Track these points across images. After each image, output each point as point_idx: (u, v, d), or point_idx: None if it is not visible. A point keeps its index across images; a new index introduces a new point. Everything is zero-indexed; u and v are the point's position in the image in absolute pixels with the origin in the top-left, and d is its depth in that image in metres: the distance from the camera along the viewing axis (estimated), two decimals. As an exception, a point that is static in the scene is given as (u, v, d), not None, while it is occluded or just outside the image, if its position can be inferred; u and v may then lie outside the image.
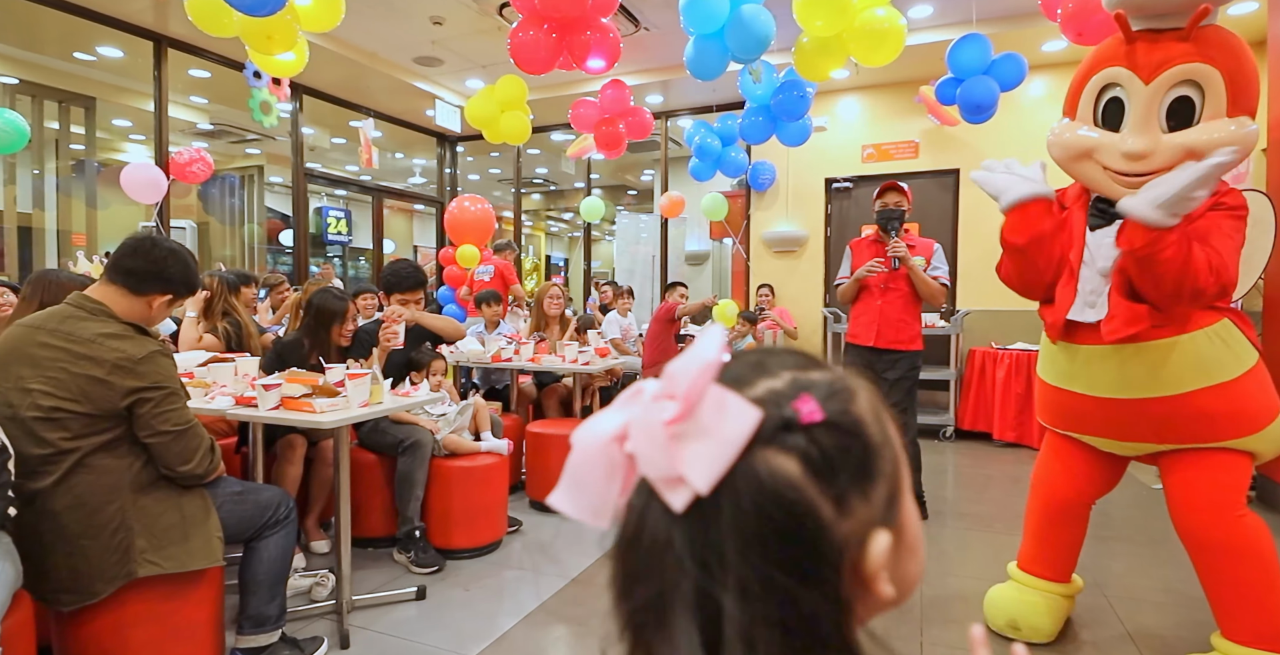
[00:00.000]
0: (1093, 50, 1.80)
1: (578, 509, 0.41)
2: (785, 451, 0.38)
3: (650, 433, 0.37)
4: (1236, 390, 1.69)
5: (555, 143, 8.05)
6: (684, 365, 0.39)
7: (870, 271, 3.09)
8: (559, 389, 3.96)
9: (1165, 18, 1.63)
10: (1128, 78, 1.66)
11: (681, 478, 0.37)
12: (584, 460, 0.40)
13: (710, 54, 3.53)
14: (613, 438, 0.39)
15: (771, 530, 0.37)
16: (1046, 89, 5.18)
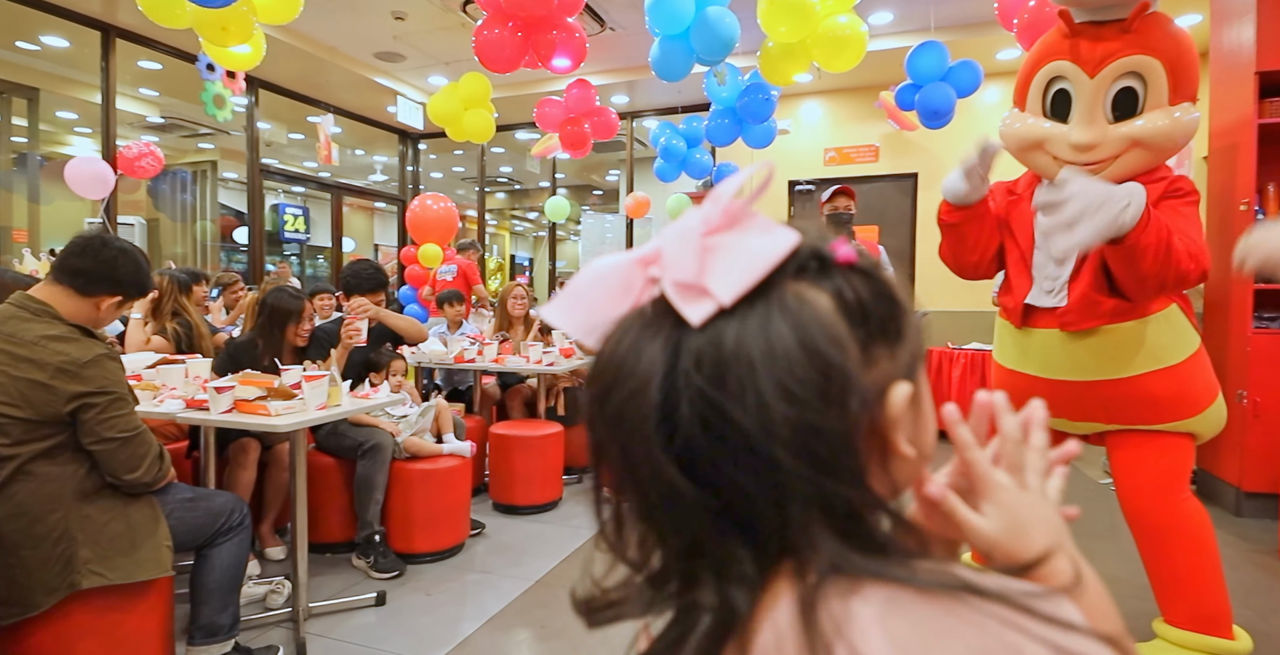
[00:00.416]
0: (1038, 42, 1.82)
1: (573, 325, 0.40)
2: (818, 286, 0.37)
3: (685, 237, 0.37)
4: (1181, 373, 1.75)
5: (520, 141, 7.99)
6: (730, 185, 0.39)
7: None
8: (523, 390, 3.93)
9: (1107, 9, 1.67)
10: (1073, 71, 1.70)
11: (704, 288, 0.35)
12: (595, 278, 0.39)
13: (675, 55, 3.54)
14: (638, 260, 0.39)
15: (796, 355, 0.35)
16: (1001, 96, 5.32)
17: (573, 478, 3.82)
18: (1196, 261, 1.55)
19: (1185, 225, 1.61)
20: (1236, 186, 3.31)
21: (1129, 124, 1.66)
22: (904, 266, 5.70)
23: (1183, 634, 1.75)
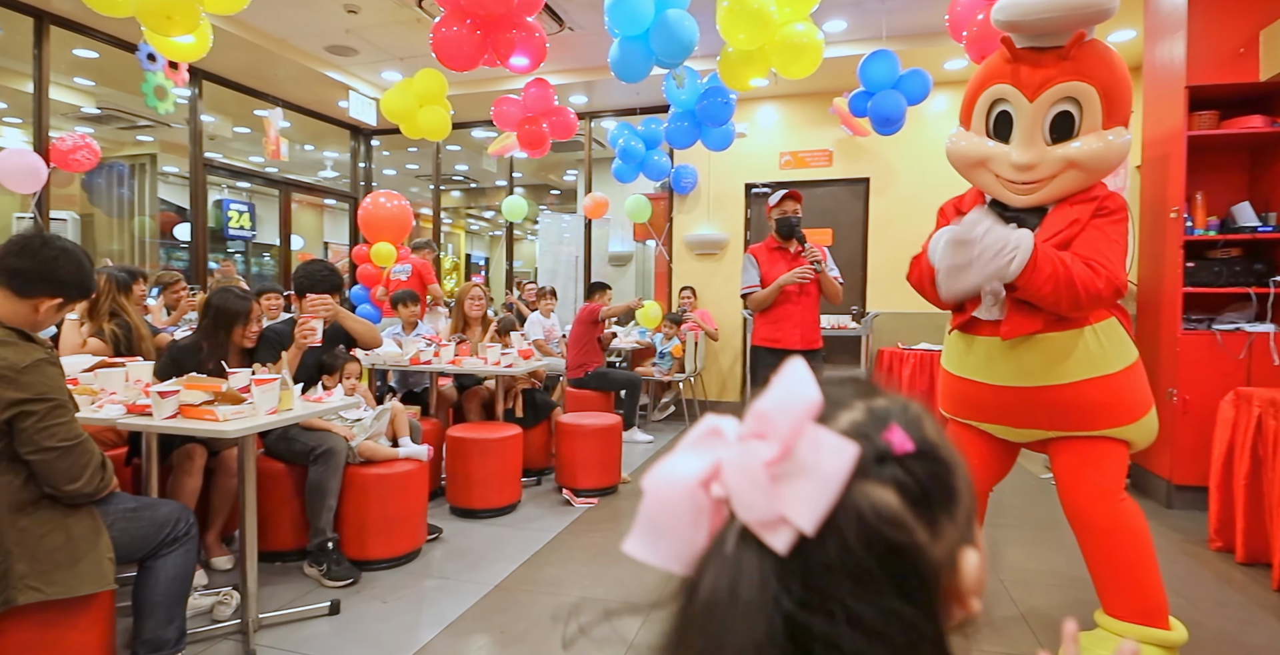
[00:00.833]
0: (982, 65, 1.92)
1: (660, 557, 0.40)
2: (882, 483, 0.38)
3: (750, 475, 0.37)
4: (1118, 383, 1.84)
5: (476, 140, 7.89)
6: (779, 404, 0.38)
7: (803, 279, 3.20)
8: (481, 392, 3.88)
9: (1046, 37, 1.76)
10: (1014, 95, 1.79)
11: (784, 518, 0.36)
12: (664, 506, 0.39)
13: (634, 57, 3.55)
14: (698, 482, 0.38)
15: (878, 562, 0.37)
16: (948, 104, 5.49)
17: (531, 480, 3.79)
18: (1108, 282, 1.67)
19: (1105, 246, 1.72)
20: (1167, 195, 3.49)
21: (1065, 146, 1.76)
22: (856, 269, 5.83)
23: (1122, 625, 1.84)
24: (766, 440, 0.37)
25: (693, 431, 0.41)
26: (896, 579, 0.37)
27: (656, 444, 4.92)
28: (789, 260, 3.33)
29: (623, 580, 2.54)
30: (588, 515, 3.30)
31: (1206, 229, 3.46)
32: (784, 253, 3.34)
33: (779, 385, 0.39)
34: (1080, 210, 1.79)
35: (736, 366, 6.12)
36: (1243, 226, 3.42)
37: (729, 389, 6.15)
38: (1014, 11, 1.71)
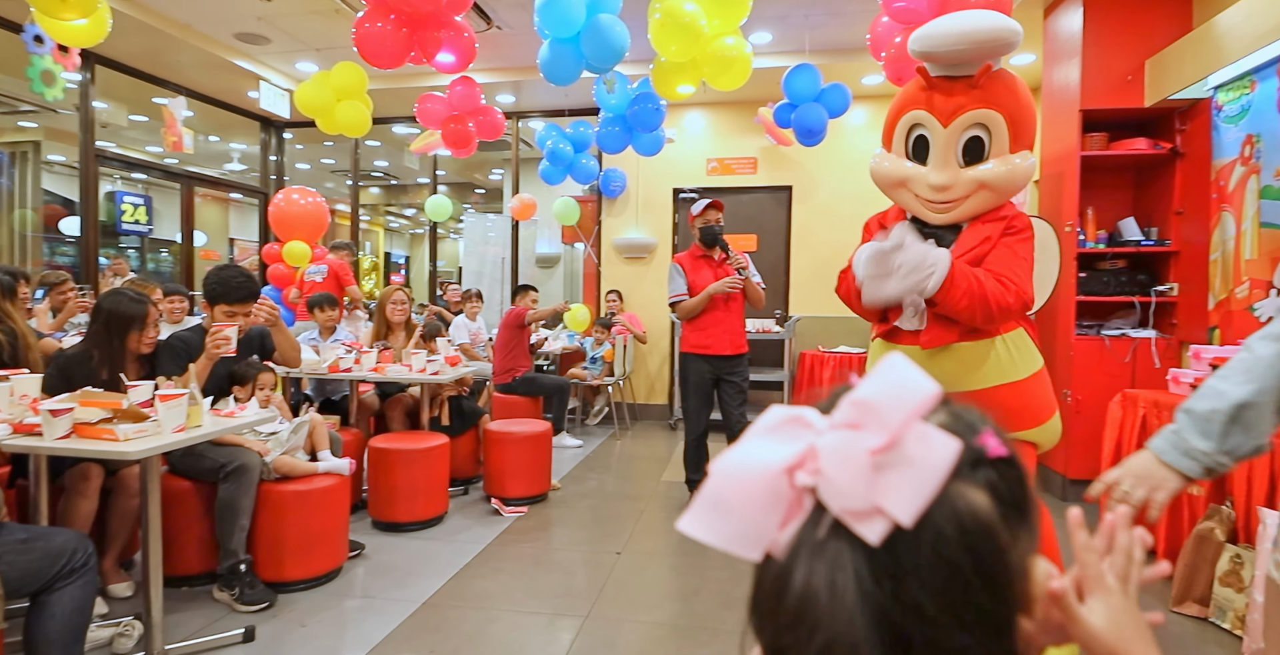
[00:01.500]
0: (901, 91, 2.03)
1: (721, 538, 0.39)
2: (977, 485, 0.39)
3: (851, 463, 0.37)
4: (1026, 388, 1.98)
5: (398, 136, 7.65)
6: (887, 394, 0.38)
7: (732, 288, 3.27)
8: (405, 399, 3.76)
9: (958, 67, 1.89)
10: (930, 120, 1.91)
11: (880, 509, 0.36)
12: (739, 489, 0.38)
13: (565, 60, 3.52)
14: (784, 468, 0.38)
15: (970, 561, 0.37)
16: (866, 117, 5.72)
17: (458, 489, 3.71)
18: (1017, 296, 1.80)
19: (1015, 263, 1.86)
20: (1062, 210, 3.75)
21: (976, 169, 1.88)
22: (779, 274, 5.99)
23: None
24: (866, 429, 0.37)
25: (766, 419, 0.41)
26: (986, 579, 0.38)
27: (586, 449, 4.90)
28: (714, 267, 3.40)
29: (555, 591, 2.52)
30: (518, 524, 3.26)
31: (1096, 242, 3.74)
32: (709, 260, 3.42)
33: (883, 377, 0.39)
34: (991, 228, 1.92)
35: (665, 369, 6.18)
36: (1128, 240, 3.72)
37: (657, 391, 6.20)
38: (927, 43, 1.82)
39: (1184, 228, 3.55)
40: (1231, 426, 0.99)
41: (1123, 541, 0.55)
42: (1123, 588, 0.53)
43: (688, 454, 3.50)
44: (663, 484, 4.00)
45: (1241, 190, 3.11)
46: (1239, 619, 2.21)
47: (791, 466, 0.38)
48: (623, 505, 3.59)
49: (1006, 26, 1.77)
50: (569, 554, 2.90)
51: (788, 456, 0.38)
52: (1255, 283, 3.03)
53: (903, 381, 0.38)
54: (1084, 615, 0.51)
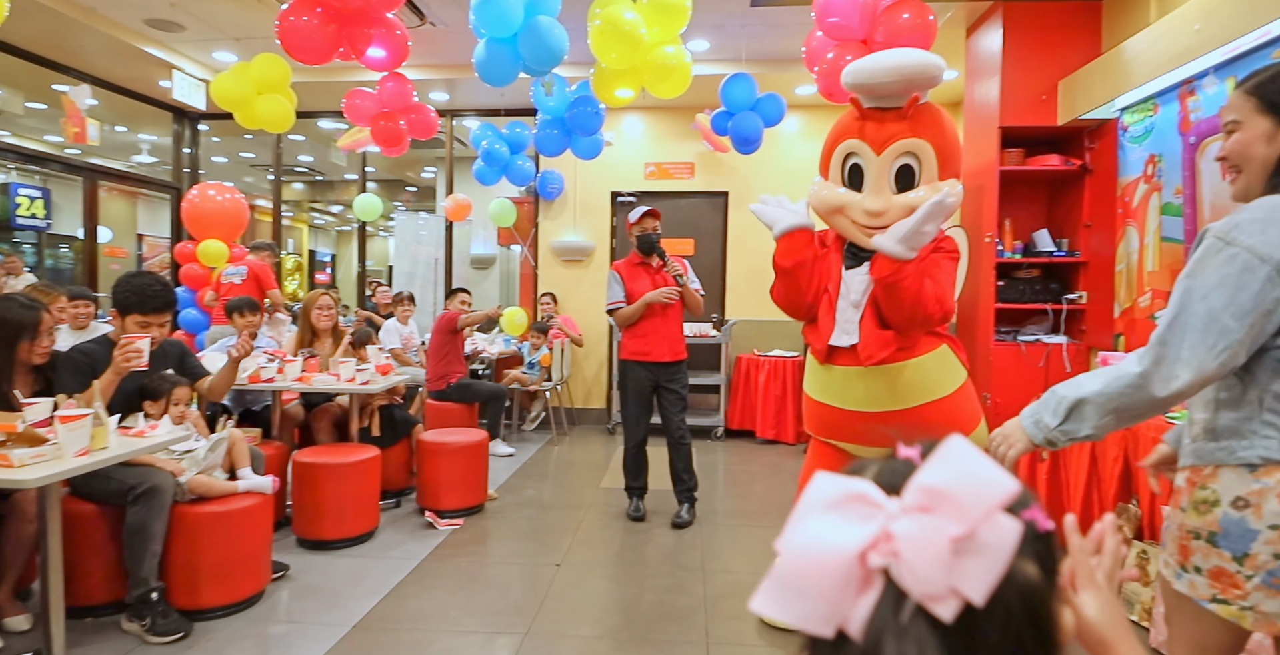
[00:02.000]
0: (835, 122, 2.14)
1: (796, 617, 0.40)
2: (1029, 559, 0.43)
3: (932, 551, 0.39)
4: (951, 403, 2.09)
5: (324, 130, 7.35)
6: (963, 484, 0.40)
7: (669, 299, 3.28)
8: (332, 409, 3.60)
9: (888, 99, 2.00)
10: (864, 149, 2.01)
11: (956, 591, 0.39)
12: (813, 571, 0.40)
13: (501, 60, 3.45)
14: (857, 552, 0.40)
15: (1031, 628, 0.42)
16: (799, 126, 5.84)
17: (389, 502, 3.58)
18: (941, 306, 1.92)
19: (942, 276, 1.98)
20: (982, 222, 3.93)
21: (908, 195, 1.99)
22: (716, 278, 6.06)
23: None
24: (941, 515, 0.40)
25: (825, 493, 0.43)
26: (1043, 640, 0.43)
27: (519, 457, 4.82)
28: (651, 275, 3.41)
29: (492, 607, 2.46)
30: (454, 538, 3.17)
31: (1013, 252, 3.94)
32: (646, 268, 3.42)
33: (954, 465, 0.41)
34: (923, 250, 2.00)
35: (602, 373, 6.15)
36: (1042, 250, 3.93)
37: (595, 396, 6.17)
38: (859, 76, 1.94)
39: (1092, 240, 3.77)
40: (1070, 413, 1.17)
41: (1110, 545, 0.63)
42: (1109, 585, 0.60)
43: (627, 461, 3.50)
44: (601, 491, 3.98)
45: (1145, 206, 3.33)
46: (1145, 611, 2.36)
47: (865, 549, 0.40)
48: (561, 514, 3.55)
49: (931, 62, 1.89)
50: (507, 567, 2.84)
51: (861, 539, 0.40)
52: (1157, 293, 3.25)
53: (978, 473, 0.41)
54: (1080, 606, 0.58)
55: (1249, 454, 1.11)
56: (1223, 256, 1.09)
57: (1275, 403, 1.10)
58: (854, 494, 0.42)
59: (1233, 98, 1.20)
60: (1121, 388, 1.13)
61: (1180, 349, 1.09)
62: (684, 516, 3.37)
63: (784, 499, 3.89)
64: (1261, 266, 1.07)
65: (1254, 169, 1.17)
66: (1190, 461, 1.20)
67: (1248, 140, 1.17)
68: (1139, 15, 3.39)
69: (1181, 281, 1.14)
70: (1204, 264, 1.11)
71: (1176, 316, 1.11)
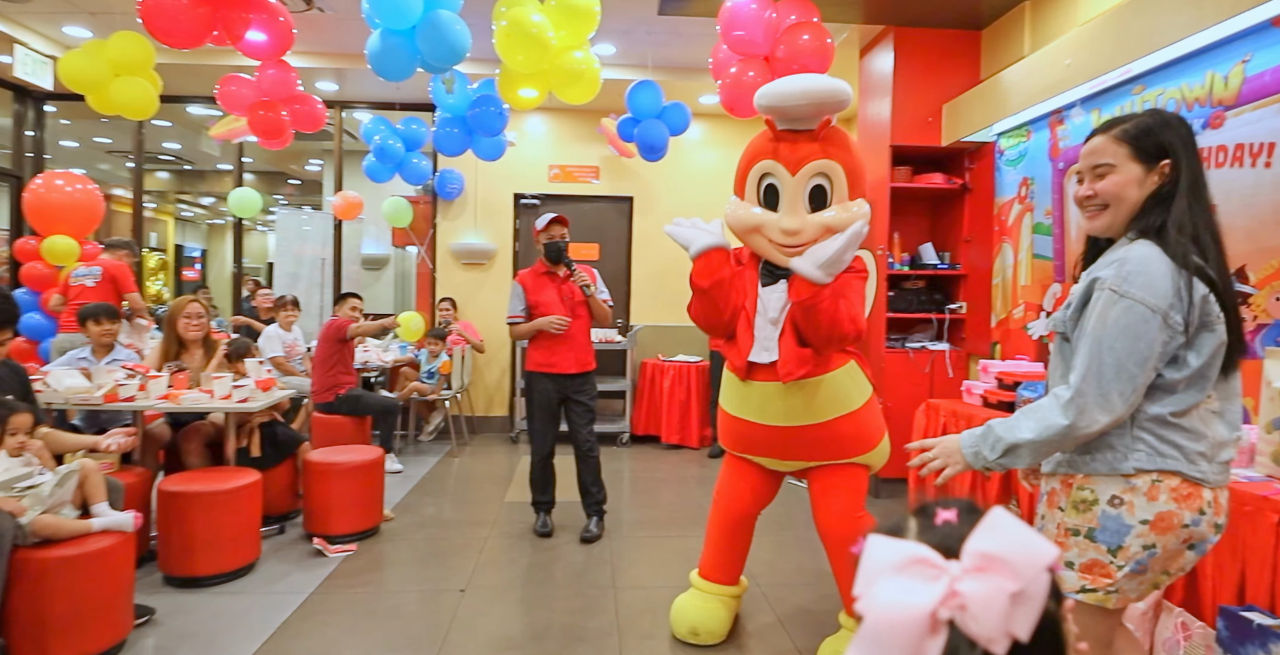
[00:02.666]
0: (750, 142, 2.17)
1: None
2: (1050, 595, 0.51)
3: (996, 605, 0.48)
4: (860, 417, 2.18)
5: (194, 116, 6.72)
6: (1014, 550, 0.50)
7: (558, 329, 3.22)
8: (204, 428, 3.26)
9: (800, 122, 2.06)
10: (779, 169, 2.06)
11: (1011, 633, 0.48)
12: (893, 627, 0.49)
13: (397, 54, 3.26)
14: (930, 609, 0.49)
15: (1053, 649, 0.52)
16: (703, 135, 5.92)
17: (272, 528, 3.30)
18: (854, 325, 2.00)
19: (853, 295, 2.05)
20: (874, 236, 4.11)
21: (821, 214, 2.06)
22: (621, 284, 6.04)
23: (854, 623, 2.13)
24: (998, 575, 0.49)
25: (889, 557, 0.52)
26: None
27: (417, 471, 4.59)
28: (558, 285, 3.33)
29: (393, 642, 2.31)
30: (346, 566, 2.96)
31: (901, 264, 4.15)
32: (553, 278, 3.34)
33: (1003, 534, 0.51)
34: None
35: (505, 380, 5.99)
36: (927, 263, 4.17)
37: (497, 403, 5.99)
38: (773, 99, 1.99)
39: (971, 254, 4.04)
40: (1006, 453, 1.31)
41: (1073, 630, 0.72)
42: None
43: (533, 475, 3.40)
44: (506, 506, 3.84)
45: (1019, 225, 3.59)
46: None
47: (937, 606, 0.49)
48: (464, 533, 3.40)
49: (841, 88, 1.95)
50: (407, 596, 2.68)
51: (934, 598, 0.49)
52: (1029, 305, 3.52)
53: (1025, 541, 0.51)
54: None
55: (1124, 466, 1.28)
56: (1120, 308, 1.22)
57: (1145, 422, 1.27)
58: (917, 558, 0.51)
59: (1103, 143, 1.32)
60: (1052, 436, 1.27)
61: (1097, 397, 1.23)
62: (593, 530, 3.31)
63: (692, 507, 3.91)
64: (1154, 317, 1.21)
65: (1123, 209, 1.31)
66: (1064, 470, 1.35)
67: (1123, 182, 1.30)
68: (1014, 47, 3.66)
69: (1088, 333, 1.25)
70: (1105, 316, 1.24)
71: (1090, 367, 1.24)
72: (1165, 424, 1.27)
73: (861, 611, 0.50)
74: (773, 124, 2.07)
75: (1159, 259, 1.23)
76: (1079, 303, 1.31)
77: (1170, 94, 2.61)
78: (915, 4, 3.74)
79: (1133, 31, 2.62)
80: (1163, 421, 1.26)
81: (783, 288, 2.09)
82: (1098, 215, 1.35)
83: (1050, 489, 1.40)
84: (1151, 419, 1.27)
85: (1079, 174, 1.39)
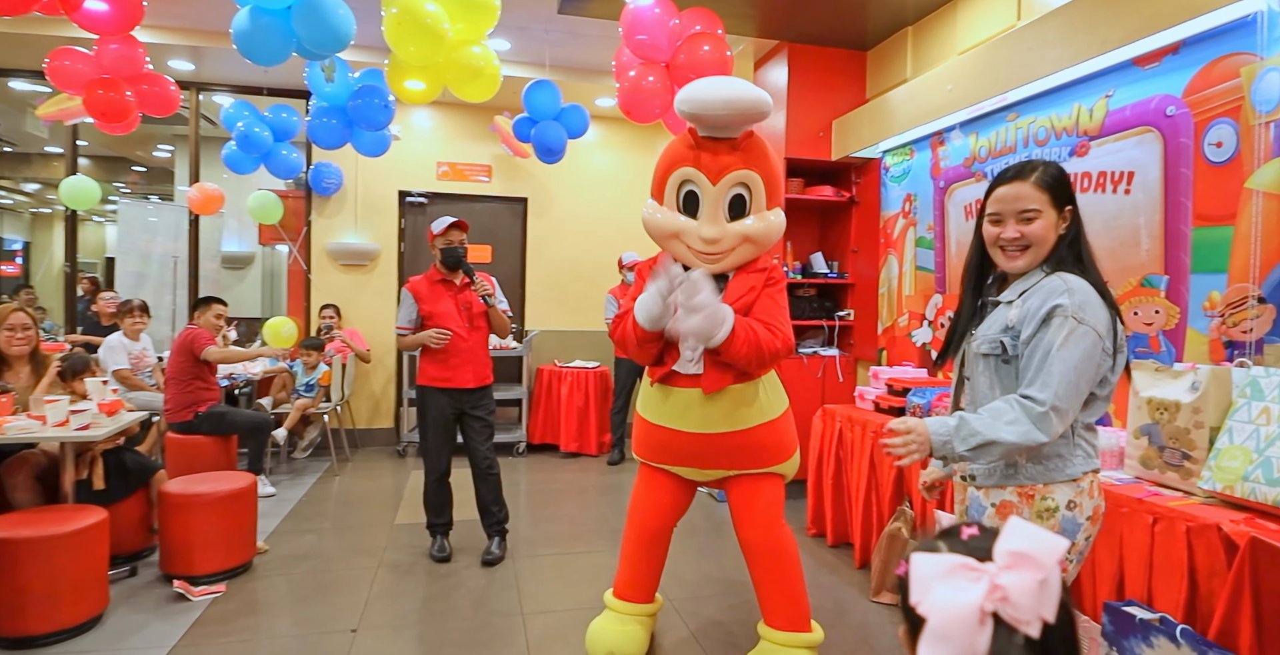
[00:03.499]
0: (669, 147, 2.13)
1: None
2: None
3: (1030, 592, 0.61)
4: (778, 426, 2.20)
5: (17, 92, 5.83)
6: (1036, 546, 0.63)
7: (438, 342, 3.04)
8: (32, 458, 2.78)
9: (722, 130, 2.04)
10: (700, 178, 2.04)
11: (1040, 615, 0.61)
12: (953, 623, 0.61)
13: (270, 37, 2.96)
14: (980, 604, 0.61)
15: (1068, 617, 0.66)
16: (599, 137, 5.85)
17: (122, 571, 2.88)
18: (783, 342, 2.02)
19: (776, 311, 2.07)
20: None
21: (741, 223, 2.06)
22: (515, 287, 5.86)
23: (781, 634, 2.16)
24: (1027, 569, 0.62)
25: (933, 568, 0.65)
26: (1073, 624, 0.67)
27: (293, 493, 4.21)
28: (454, 294, 3.15)
29: (274, 697, 2.06)
30: (215, 610, 2.62)
31: (795, 272, 4.28)
32: (448, 286, 3.15)
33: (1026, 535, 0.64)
34: (755, 279, 2.11)
35: (390, 388, 5.63)
36: (818, 272, 4.32)
37: (382, 414, 5.62)
38: (696, 106, 1.95)
39: (859, 264, 4.23)
40: (979, 448, 1.36)
41: None
42: None
43: (429, 497, 3.18)
44: (398, 530, 3.58)
45: (904, 238, 3.79)
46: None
47: (983, 601, 0.61)
48: (351, 564, 3.12)
49: (763, 99, 1.95)
50: (289, 642, 2.40)
51: (980, 595, 0.61)
52: (913, 314, 3.72)
53: (1043, 538, 0.64)
54: None
55: (1073, 470, 1.43)
56: (1079, 333, 1.35)
57: (1081, 430, 1.45)
58: (960, 564, 0.64)
59: (1027, 190, 1.44)
60: (1027, 443, 1.34)
61: (1066, 412, 1.34)
62: (495, 552, 3.15)
63: (596, 519, 3.83)
64: (1100, 341, 1.36)
65: (1043, 250, 1.45)
66: (1025, 481, 1.45)
67: (1047, 226, 1.44)
68: (897, 69, 3.85)
69: (1054, 354, 1.35)
70: (1068, 338, 1.35)
71: (1061, 383, 1.33)
72: (1089, 429, 1.47)
73: (924, 614, 0.63)
74: (694, 132, 2.04)
75: (1093, 291, 1.38)
76: (1036, 326, 1.39)
77: (1041, 122, 2.82)
78: (807, 22, 3.85)
79: (1010, 63, 2.81)
80: (1089, 428, 1.47)
81: None
82: (1020, 255, 1.45)
83: (1001, 501, 1.47)
84: (1084, 427, 1.46)
85: (996, 216, 1.48)
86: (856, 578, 3.05)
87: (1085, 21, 2.46)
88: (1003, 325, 1.45)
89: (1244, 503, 1.71)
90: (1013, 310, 1.44)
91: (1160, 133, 2.32)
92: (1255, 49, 2.00)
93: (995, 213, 1.47)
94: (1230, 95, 2.09)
